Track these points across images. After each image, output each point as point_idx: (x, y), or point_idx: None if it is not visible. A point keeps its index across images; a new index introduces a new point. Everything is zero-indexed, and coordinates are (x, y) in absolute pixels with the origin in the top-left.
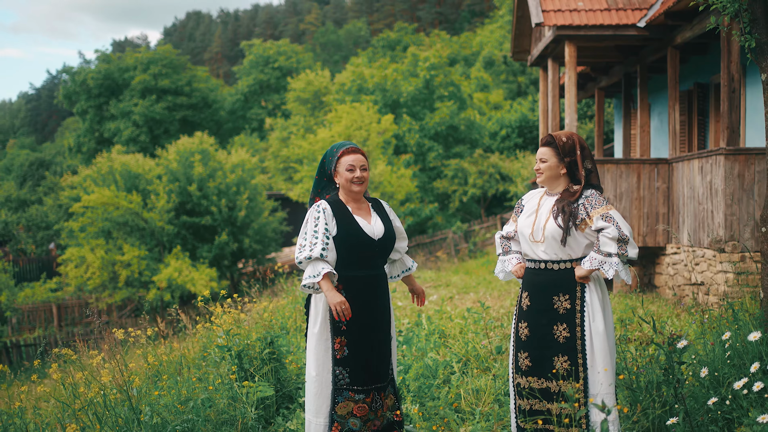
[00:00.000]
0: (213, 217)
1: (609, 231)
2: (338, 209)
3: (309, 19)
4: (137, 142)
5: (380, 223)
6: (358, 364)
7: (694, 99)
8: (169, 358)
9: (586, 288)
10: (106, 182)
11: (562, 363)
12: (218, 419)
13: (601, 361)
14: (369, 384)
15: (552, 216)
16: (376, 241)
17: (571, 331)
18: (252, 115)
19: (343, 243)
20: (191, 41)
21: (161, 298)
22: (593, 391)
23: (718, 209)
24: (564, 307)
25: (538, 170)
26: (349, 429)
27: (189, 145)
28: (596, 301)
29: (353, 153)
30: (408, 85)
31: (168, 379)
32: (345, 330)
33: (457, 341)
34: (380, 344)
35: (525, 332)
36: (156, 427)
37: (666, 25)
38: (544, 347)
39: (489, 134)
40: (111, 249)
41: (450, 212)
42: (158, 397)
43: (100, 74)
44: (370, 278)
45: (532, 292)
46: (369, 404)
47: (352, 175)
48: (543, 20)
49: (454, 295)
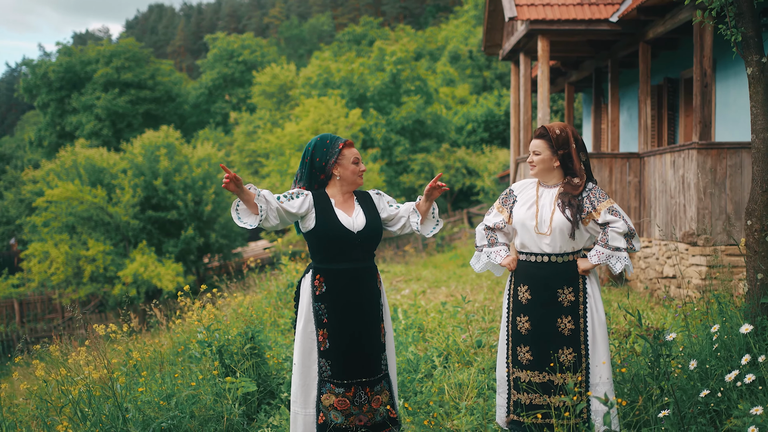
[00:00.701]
0: (179, 211)
1: (618, 226)
2: (320, 201)
3: (273, 13)
4: (100, 136)
5: (362, 216)
6: (338, 357)
7: (664, 94)
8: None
9: (587, 280)
10: (70, 176)
11: (567, 355)
12: (204, 416)
13: (602, 352)
14: (350, 378)
15: (558, 208)
16: (355, 234)
17: (575, 323)
18: (216, 109)
19: (321, 235)
20: (154, 34)
21: (127, 294)
22: (594, 381)
23: (690, 203)
24: (568, 299)
25: (531, 162)
26: (331, 420)
27: (154, 139)
28: (597, 293)
29: (352, 146)
30: (375, 79)
31: (147, 376)
32: (326, 323)
33: (436, 335)
34: (365, 338)
35: (526, 326)
36: (141, 423)
37: (638, 20)
38: (547, 340)
39: (455, 129)
40: (75, 244)
41: None
42: (140, 393)
43: (62, 67)
44: (351, 271)
45: (533, 286)
46: (350, 399)
47: (359, 169)
48: (516, 14)
49: (426, 289)
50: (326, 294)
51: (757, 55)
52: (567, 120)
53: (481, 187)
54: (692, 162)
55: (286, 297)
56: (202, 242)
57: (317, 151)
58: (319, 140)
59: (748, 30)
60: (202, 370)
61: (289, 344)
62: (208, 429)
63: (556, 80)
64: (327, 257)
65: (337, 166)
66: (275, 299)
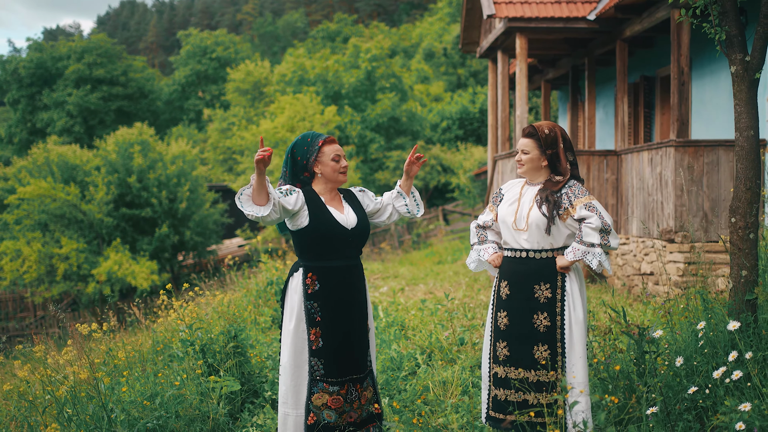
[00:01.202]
0: (153, 209)
1: (592, 221)
2: (311, 198)
3: (246, 9)
4: (72, 133)
5: (353, 213)
6: (332, 355)
7: (640, 91)
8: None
9: (566, 277)
10: (43, 174)
11: (542, 352)
12: (190, 415)
13: (579, 351)
14: (344, 375)
15: (536, 205)
16: (350, 231)
17: (551, 320)
18: (189, 105)
19: (316, 233)
20: (126, 31)
21: (100, 292)
22: (569, 380)
23: (668, 200)
24: (545, 296)
25: (519, 161)
26: (323, 419)
27: (128, 136)
28: (576, 291)
29: (334, 143)
30: (350, 76)
31: (128, 375)
32: (319, 321)
33: (418, 333)
34: (356, 335)
35: (504, 321)
36: (126, 424)
37: (615, 18)
38: (523, 336)
39: (430, 126)
40: (48, 242)
41: None
42: (124, 393)
43: (32, 63)
44: (344, 269)
45: (512, 281)
46: (344, 396)
47: (339, 165)
48: (495, 12)
49: (404, 286)
50: (319, 292)
51: (741, 54)
52: (543, 117)
53: (457, 184)
54: (670, 159)
55: (265, 295)
56: (176, 240)
57: (298, 149)
58: (300, 138)
59: (731, 29)
60: (186, 369)
61: (270, 342)
62: (193, 429)
63: (533, 78)
64: (320, 255)
65: (318, 163)
66: (255, 297)
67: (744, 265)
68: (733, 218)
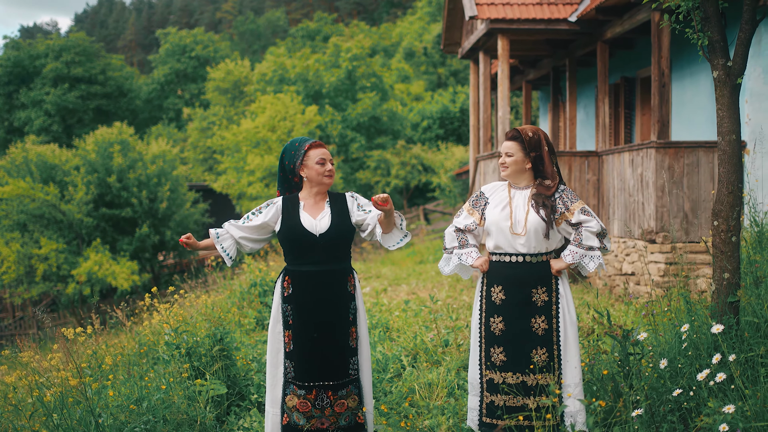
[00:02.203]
0: (133, 209)
1: (592, 225)
2: (289, 205)
3: (225, 8)
4: (50, 132)
5: (328, 220)
6: (300, 359)
7: (620, 92)
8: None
9: (560, 281)
10: (21, 173)
11: (540, 355)
12: (177, 419)
13: (574, 352)
14: (312, 380)
15: (533, 209)
16: (317, 237)
17: (548, 323)
18: (169, 104)
19: (284, 238)
20: (104, 29)
21: (80, 293)
22: (567, 382)
23: (649, 201)
24: (542, 299)
25: (503, 164)
26: (294, 422)
27: (108, 136)
28: (568, 293)
29: (320, 147)
30: (330, 75)
31: (113, 379)
32: (291, 324)
33: (402, 334)
34: (329, 341)
35: (500, 327)
36: (113, 428)
37: (596, 20)
38: (522, 341)
39: (411, 125)
40: (27, 242)
41: None
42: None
43: (9, 61)
44: (315, 273)
45: (507, 286)
46: (311, 401)
47: (324, 169)
48: (477, 13)
49: (387, 287)
50: (292, 295)
51: (723, 59)
52: (524, 118)
53: (437, 183)
54: (650, 161)
55: (249, 296)
56: (157, 240)
57: (287, 154)
58: (289, 144)
59: (714, 34)
60: (172, 372)
61: (254, 344)
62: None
63: (514, 78)
64: (293, 259)
65: (303, 167)
66: (239, 299)
67: (726, 268)
68: (715, 221)
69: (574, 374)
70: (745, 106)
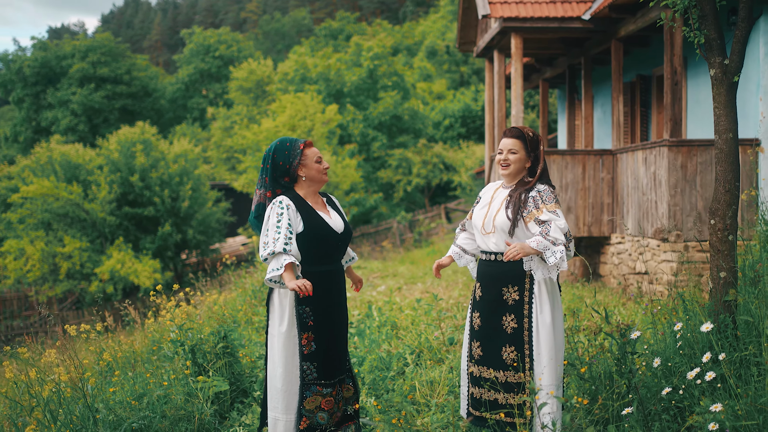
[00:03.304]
0: (156, 207)
1: (560, 223)
2: (301, 205)
3: (250, 8)
4: (76, 132)
5: (338, 218)
6: (325, 358)
7: (636, 91)
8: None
9: (535, 281)
10: (46, 173)
11: (509, 353)
12: (175, 415)
13: (546, 354)
14: (335, 377)
15: (503, 207)
16: (339, 235)
17: (518, 321)
18: (193, 104)
19: (310, 238)
20: (130, 29)
21: (104, 291)
22: (543, 382)
23: (661, 199)
24: (513, 298)
25: (506, 161)
26: (317, 422)
27: (131, 135)
28: (545, 294)
29: (313, 146)
30: (352, 74)
31: (120, 375)
32: (312, 325)
33: (409, 333)
34: (341, 337)
35: (477, 322)
36: (112, 424)
37: (610, 18)
38: (494, 337)
39: (432, 124)
40: (51, 241)
41: (394, 202)
42: (112, 393)
43: (37, 62)
44: (332, 273)
45: (483, 283)
46: (335, 397)
47: (322, 167)
48: (490, 12)
49: (402, 285)
50: (313, 297)
51: (720, 57)
52: (541, 116)
53: (459, 182)
54: (663, 159)
55: (260, 295)
56: (179, 238)
57: (279, 154)
58: (278, 143)
59: (710, 32)
60: (175, 369)
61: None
62: (179, 428)
63: (531, 77)
64: (311, 260)
65: (302, 166)
66: (250, 297)
67: (722, 267)
68: (712, 220)
69: (547, 377)
70: (759, 104)
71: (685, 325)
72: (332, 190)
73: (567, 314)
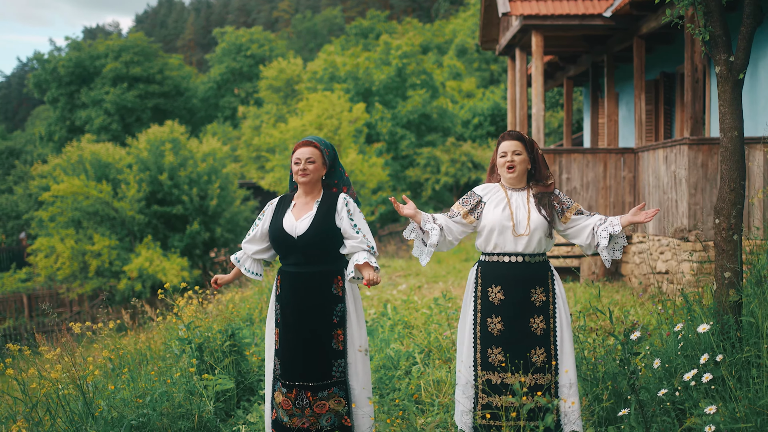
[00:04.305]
0: (184, 206)
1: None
2: (283, 204)
3: (282, 7)
4: (109, 131)
5: (308, 221)
6: (284, 357)
7: (660, 88)
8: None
9: (555, 281)
10: (76, 171)
11: (539, 355)
12: (175, 413)
13: (569, 351)
14: (292, 380)
15: (534, 209)
16: (294, 239)
17: (546, 323)
18: (225, 103)
19: (270, 237)
20: (163, 28)
21: (132, 288)
22: (562, 382)
23: (682, 199)
24: (540, 299)
25: (511, 163)
26: (280, 419)
27: (159, 134)
28: (563, 294)
29: (303, 146)
30: (380, 73)
31: (128, 373)
32: (279, 322)
33: (420, 332)
34: (310, 343)
35: (498, 327)
36: (112, 421)
37: (631, 15)
38: (521, 341)
39: (461, 122)
40: (81, 239)
41: (423, 200)
42: (116, 391)
43: (71, 62)
44: (296, 275)
45: (506, 286)
46: (292, 400)
47: (297, 168)
48: (510, 9)
49: (423, 284)
50: (281, 294)
51: (725, 54)
52: (566, 114)
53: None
54: (683, 157)
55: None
56: (207, 237)
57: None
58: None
59: (716, 29)
60: (182, 367)
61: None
62: (179, 426)
63: (555, 75)
64: (281, 258)
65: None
66: (267, 295)
67: (727, 267)
68: (717, 219)
69: (569, 375)
70: None
71: (687, 325)
72: (359, 189)
73: (582, 313)
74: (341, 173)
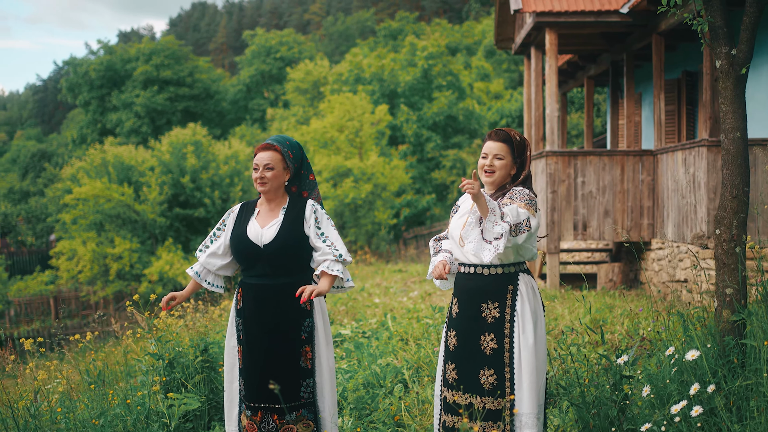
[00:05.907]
0: (206, 209)
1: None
2: (245, 211)
3: (314, 9)
4: (139, 133)
5: (275, 229)
6: (248, 377)
7: (682, 88)
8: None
9: (517, 296)
10: (99, 174)
11: (488, 377)
12: None
13: (528, 378)
14: (257, 402)
15: None
16: (261, 248)
17: (498, 342)
18: (254, 105)
19: (232, 247)
20: (196, 32)
21: (153, 291)
22: (521, 410)
23: (701, 203)
24: (492, 315)
25: (490, 167)
26: None
27: (182, 137)
28: (527, 312)
29: (262, 150)
30: (406, 74)
31: (93, 390)
32: (242, 339)
33: (413, 346)
34: (275, 362)
35: (453, 342)
36: None
37: (649, 11)
38: (471, 359)
39: (488, 124)
40: (102, 241)
41: (448, 203)
42: (71, 411)
43: (103, 65)
44: (261, 287)
45: (461, 299)
46: (257, 423)
47: (255, 175)
48: (522, 6)
49: (436, 290)
50: (242, 309)
51: (726, 47)
52: (586, 115)
53: None
54: (702, 160)
55: None
56: None
57: None
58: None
59: (716, 19)
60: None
61: None
62: None
63: (576, 74)
64: (243, 270)
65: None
66: None
67: (728, 283)
68: (717, 230)
69: (527, 403)
70: None
71: (682, 348)
72: (380, 192)
73: (591, 325)
74: (305, 177)
